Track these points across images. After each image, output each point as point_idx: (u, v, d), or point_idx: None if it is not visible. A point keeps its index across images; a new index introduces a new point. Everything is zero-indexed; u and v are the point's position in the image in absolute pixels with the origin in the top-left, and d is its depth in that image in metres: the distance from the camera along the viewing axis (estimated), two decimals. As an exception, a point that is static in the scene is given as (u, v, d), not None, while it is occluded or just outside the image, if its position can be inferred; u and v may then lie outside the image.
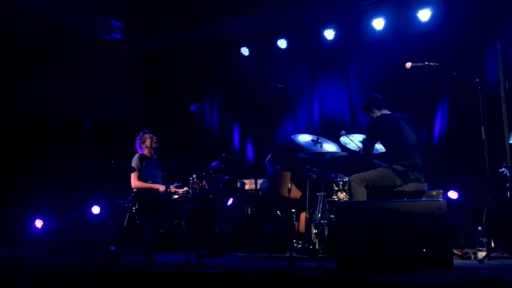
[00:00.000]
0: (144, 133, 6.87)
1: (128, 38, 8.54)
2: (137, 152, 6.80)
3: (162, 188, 6.45)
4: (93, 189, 6.74)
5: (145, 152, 6.81)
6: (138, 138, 6.86)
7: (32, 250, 5.94)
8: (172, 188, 6.68)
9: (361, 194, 4.87)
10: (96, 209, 6.69)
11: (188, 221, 6.27)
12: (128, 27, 8.42)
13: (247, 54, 8.34)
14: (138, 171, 6.55)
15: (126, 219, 6.23)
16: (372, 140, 5.35)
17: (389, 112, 5.36)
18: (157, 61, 8.94)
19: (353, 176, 5.02)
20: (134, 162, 6.62)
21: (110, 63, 8.09)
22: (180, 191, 6.64)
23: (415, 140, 5.18)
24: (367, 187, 4.91)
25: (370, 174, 5.02)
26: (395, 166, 4.97)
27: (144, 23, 8.18)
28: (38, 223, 6.74)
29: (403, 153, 5.03)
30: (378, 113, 5.38)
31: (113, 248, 5.49)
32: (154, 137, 6.85)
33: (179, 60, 8.77)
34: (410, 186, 4.93)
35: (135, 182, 6.52)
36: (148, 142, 6.81)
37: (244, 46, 8.30)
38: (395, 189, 4.94)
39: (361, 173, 5.01)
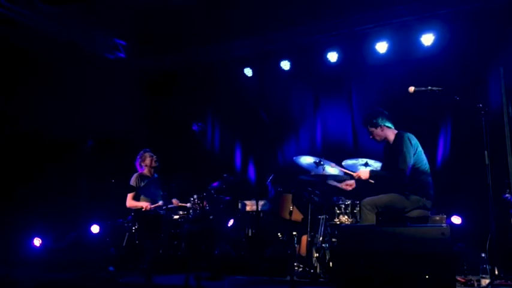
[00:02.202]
0: (145, 152, 6.88)
1: (131, 57, 8.59)
2: (137, 171, 6.79)
3: (148, 206, 6.36)
4: (92, 208, 6.71)
5: (145, 171, 6.80)
6: (138, 157, 6.87)
7: (30, 269, 5.88)
8: (175, 201, 6.66)
9: (370, 220, 4.80)
10: (95, 228, 6.65)
11: (188, 242, 6.22)
12: (132, 46, 8.47)
13: (251, 75, 8.37)
14: (137, 190, 6.54)
15: (126, 239, 6.18)
16: (412, 154, 4.95)
17: (402, 131, 5.27)
18: (161, 80, 8.98)
19: (364, 200, 4.94)
20: (132, 181, 6.62)
21: (113, 81, 8.12)
22: (183, 204, 6.61)
23: (428, 165, 5.11)
24: (377, 213, 4.84)
25: (382, 199, 4.93)
26: (408, 193, 4.88)
27: (148, 42, 8.23)
28: (37, 241, 6.70)
29: (423, 181, 4.94)
30: (389, 131, 5.22)
31: (111, 268, 5.45)
32: (155, 156, 6.85)
33: (182, 79, 8.81)
34: (414, 213, 4.88)
35: (129, 201, 6.51)
36: (148, 161, 6.81)
37: (247, 67, 8.33)
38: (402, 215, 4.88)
39: (373, 198, 4.93)
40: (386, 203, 4.90)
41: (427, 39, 6.89)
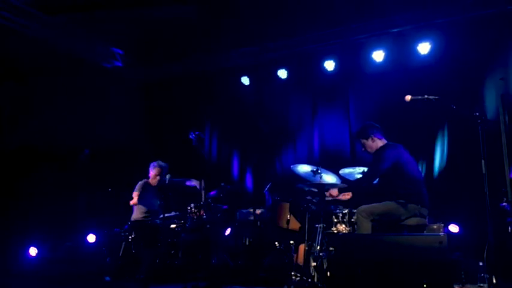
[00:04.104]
0: (160, 166, 6.80)
1: (129, 65, 8.59)
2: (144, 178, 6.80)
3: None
4: (89, 217, 6.68)
5: (150, 179, 6.80)
6: (156, 164, 6.80)
7: (26, 279, 5.85)
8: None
9: (366, 228, 4.80)
10: (91, 238, 6.61)
11: (185, 251, 6.19)
12: (129, 55, 8.48)
13: (248, 83, 8.38)
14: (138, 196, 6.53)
15: (122, 248, 6.15)
16: (386, 168, 5.04)
17: (390, 142, 5.30)
18: (158, 89, 8.99)
19: (360, 208, 4.94)
20: (137, 186, 6.61)
21: (110, 90, 8.12)
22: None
23: (421, 173, 5.12)
24: (373, 221, 4.85)
25: (378, 207, 4.94)
26: (404, 201, 4.89)
27: (145, 51, 8.25)
28: (32, 251, 6.65)
29: (415, 189, 4.95)
30: (379, 142, 5.30)
31: (107, 278, 5.42)
32: (159, 177, 6.78)
33: (180, 88, 8.82)
34: (412, 221, 4.87)
35: (134, 200, 6.52)
36: (154, 174, 6.78)
37: (245, 76, 8.35)
38: (399, 223, 4.88)
39: (369, 206, 4.93)
40: (383, 211, 4.90)
41: (424, 48, 6.91)
